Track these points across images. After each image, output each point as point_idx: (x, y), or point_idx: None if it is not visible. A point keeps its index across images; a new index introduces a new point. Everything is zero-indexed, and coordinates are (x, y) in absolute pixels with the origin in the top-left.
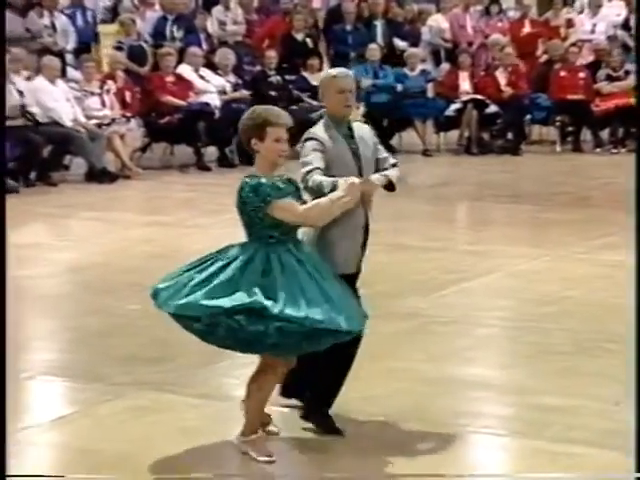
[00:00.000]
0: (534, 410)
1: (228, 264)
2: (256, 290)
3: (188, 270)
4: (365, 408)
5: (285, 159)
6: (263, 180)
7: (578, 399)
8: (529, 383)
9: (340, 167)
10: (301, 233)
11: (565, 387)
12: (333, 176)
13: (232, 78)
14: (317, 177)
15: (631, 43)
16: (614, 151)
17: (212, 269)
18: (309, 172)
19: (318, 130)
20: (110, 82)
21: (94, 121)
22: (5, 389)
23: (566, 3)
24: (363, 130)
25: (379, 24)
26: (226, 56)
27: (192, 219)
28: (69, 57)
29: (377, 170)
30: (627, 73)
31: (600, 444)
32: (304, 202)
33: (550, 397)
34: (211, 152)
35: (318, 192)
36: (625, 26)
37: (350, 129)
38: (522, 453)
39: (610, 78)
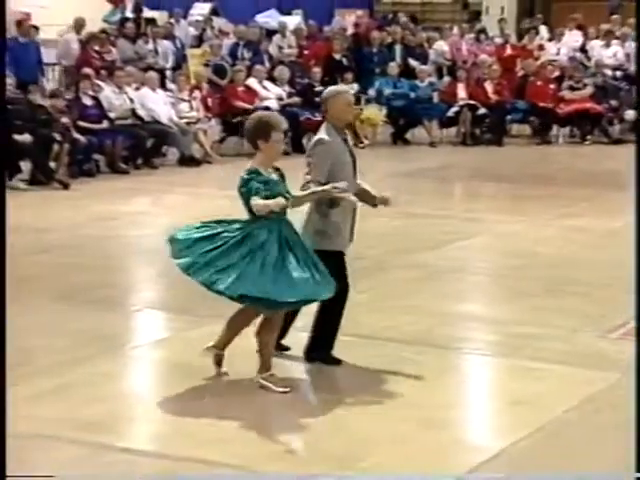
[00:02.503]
0: (512, 337)
1: (239, 242)
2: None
3: (201, 239)
4: (385, 334)
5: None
6: (253, 175)
7: (545, 328)
8: (508, 316)
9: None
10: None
11: (535, 319)
12: (335, 171)
13: (287, 88)
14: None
15: (587, 62)
16: (587, 143)
17: (224, 246)
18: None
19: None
20: (197, 91)
21: (184, 120)
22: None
23: (537, 32)
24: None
25: (397, 48)
26: (283, 72)
27: None
28: (168, 73)
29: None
30: (584, 85)
31: (561, 361)
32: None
33: (524, 327)
34: None
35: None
36: (582, 49)
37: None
38: (504, 368)
39: (571, 88)
